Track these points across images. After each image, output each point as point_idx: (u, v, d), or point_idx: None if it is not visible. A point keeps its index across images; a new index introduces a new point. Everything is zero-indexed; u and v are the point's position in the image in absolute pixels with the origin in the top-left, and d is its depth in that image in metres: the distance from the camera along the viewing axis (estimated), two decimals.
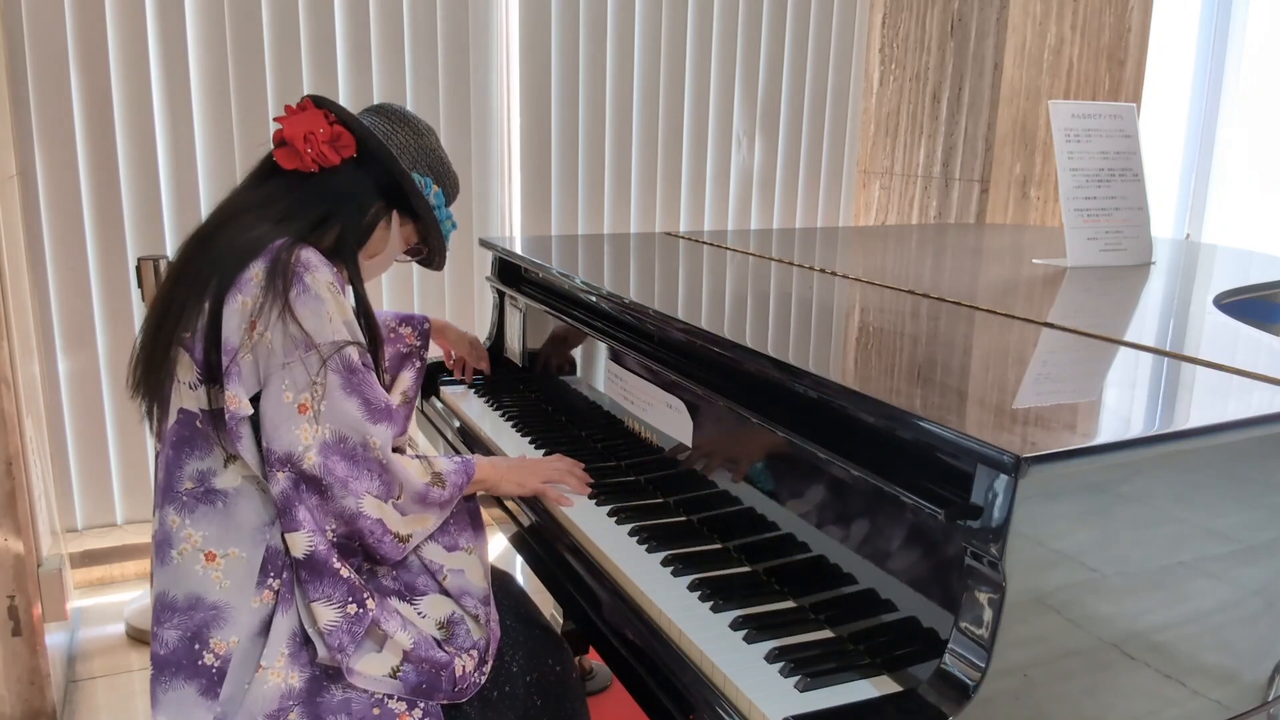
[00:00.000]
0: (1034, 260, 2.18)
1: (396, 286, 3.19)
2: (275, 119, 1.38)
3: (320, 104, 1.38)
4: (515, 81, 3.27)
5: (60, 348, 2.78)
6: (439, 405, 2.11)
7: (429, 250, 1.52)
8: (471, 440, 1.89)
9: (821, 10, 3.66)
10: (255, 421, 1.24)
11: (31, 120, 2.65)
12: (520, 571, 2.90)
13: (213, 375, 1.25)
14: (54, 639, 2.20)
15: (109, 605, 2.76)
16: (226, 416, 1.23)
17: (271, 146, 1.38)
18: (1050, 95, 3.32)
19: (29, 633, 2.04)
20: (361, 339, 1.30)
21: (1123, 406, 1.17)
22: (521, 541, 1.60)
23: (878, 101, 3.78)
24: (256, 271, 1.24)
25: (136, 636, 2.59)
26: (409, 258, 1.54)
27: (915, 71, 3.59)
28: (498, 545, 3.19)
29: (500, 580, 1.57)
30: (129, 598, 2.75)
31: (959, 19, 3.39)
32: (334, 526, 1.25)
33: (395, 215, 1.45)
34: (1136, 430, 1.06)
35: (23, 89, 2.63)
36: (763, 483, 1.29)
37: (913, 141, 3.62)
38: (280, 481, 1.22)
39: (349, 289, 1.35)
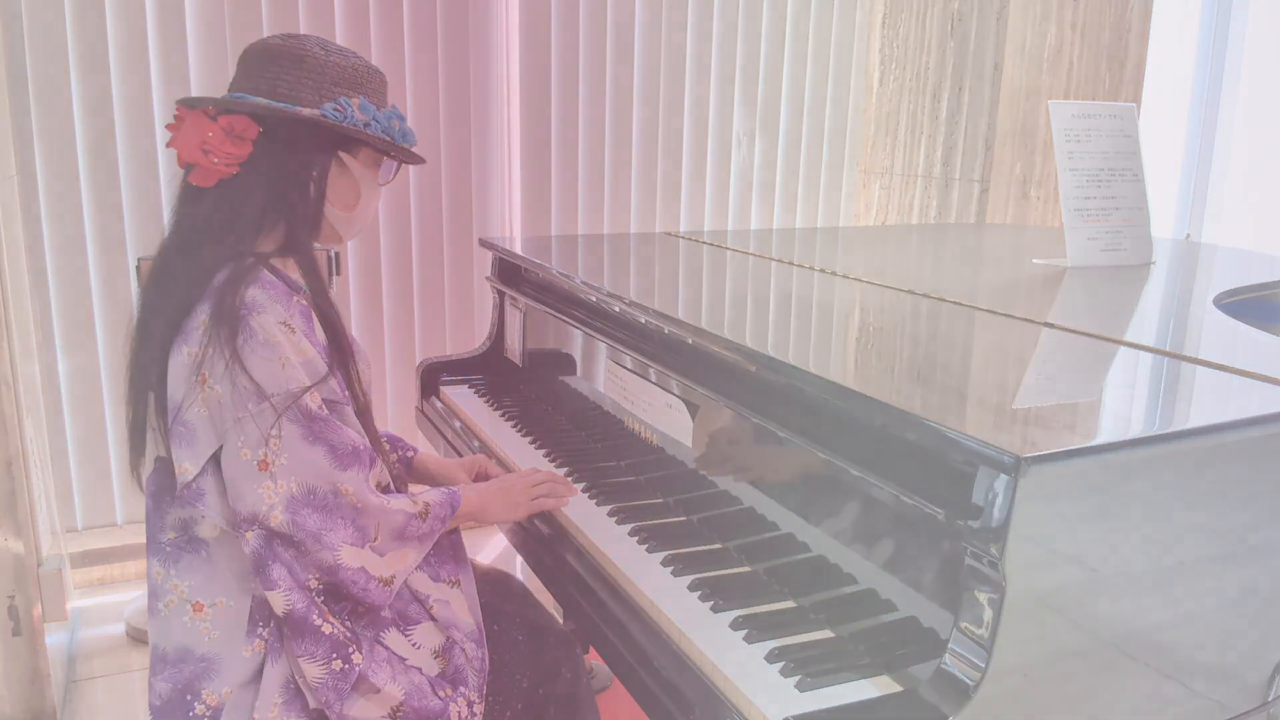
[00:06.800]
0: (1034, 260, 2.18)
1: (395, 292, 3.19)
2: (167, 144, 1.26)
3: (193, 105, 1.24)
4: (515, 81, 3.27)
5: (60, 348, 2.78)
6: (439, 405, 2.11)
7: (398, 161, 1.37)
8: (471, 440, 1.89)
9: (821, 10, 3.66)
10: (220, 475, 1.18)
11: (31, 120, 2.65)
12: (520, 571, 2.90)
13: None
14: (54, 639, 2.20)
15: (109, 605, 2.76)
16: (178, 484, 1.17)
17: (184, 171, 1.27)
18: (1050, 95, 3.32)
19: (29, 633, 2.04)
20: (325, 370, 1.21)
21: (1123, 406, 1.17)
22: (521, 542, 1.60)
23: (878, 101, 3.78)
24: (203, 318, 1.17)
25: (136, 636, 2.58)
26: (389, 177, 1.37)
27: (915, 71, 3.59)
28: (497, 545, 3.19)
29: (503, 585, 1.55)
30: (129, 598, 2.75)
31: (959, 19, 3.39)
32: (316, 575, 1.19)
33: (341, 155, 1.29)
34: (1136, 430, 1.06)
35: (23, 89, 2.63)
36: (762, 483, 1.29)
37: (913, 141, 3.62)
38: (250, 541, 1.16)
39: (304, 309, 1.25)
